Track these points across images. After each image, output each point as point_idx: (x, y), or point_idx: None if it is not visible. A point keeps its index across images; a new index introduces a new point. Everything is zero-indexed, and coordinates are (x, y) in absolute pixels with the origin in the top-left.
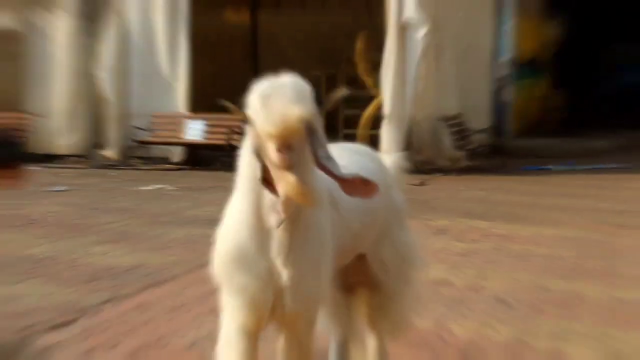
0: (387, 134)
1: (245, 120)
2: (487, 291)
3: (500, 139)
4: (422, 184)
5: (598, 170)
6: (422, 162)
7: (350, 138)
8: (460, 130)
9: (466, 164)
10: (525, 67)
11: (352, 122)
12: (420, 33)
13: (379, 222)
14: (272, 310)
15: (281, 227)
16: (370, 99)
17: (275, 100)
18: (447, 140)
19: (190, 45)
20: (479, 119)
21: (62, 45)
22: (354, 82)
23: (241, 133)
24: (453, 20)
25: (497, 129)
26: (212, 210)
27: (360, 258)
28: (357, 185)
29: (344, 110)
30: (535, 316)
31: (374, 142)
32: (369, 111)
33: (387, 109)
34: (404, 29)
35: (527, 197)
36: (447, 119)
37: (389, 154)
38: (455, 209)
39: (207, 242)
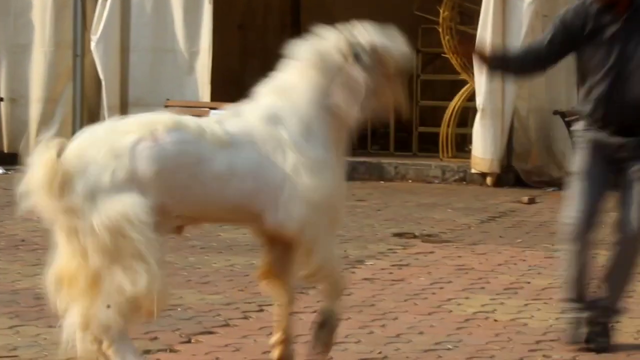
0: (481, 133)
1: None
2: None
3: None
4: (531, 201)
5: None
6: (529, 172)
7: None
8: None
9: None
10: None
11: (431, 91)
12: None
13: None
14: None
15: None
16: (457, 85)
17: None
18: (562, 142)
19: (214, 11)
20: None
21: (41, 5)
22: (433, 62)
23: None
24: None
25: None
26: None
27: None
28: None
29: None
30: None
31: (462, 142)
32: (455, 103)
33: (480, 100)
34: None
35: None
36: (562, 115)
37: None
38: None
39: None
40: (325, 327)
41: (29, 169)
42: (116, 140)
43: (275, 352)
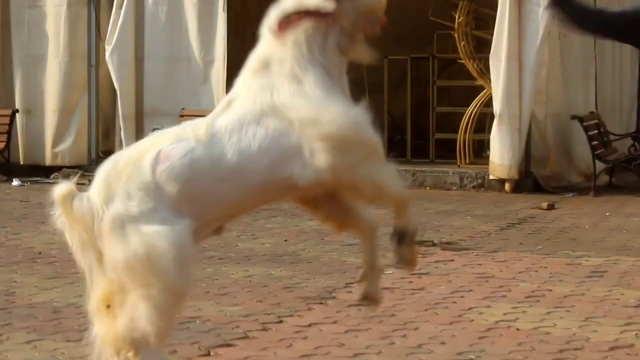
0: (499, 139)
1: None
2: None
3: None
4: (550, 207)
5: None
6: (547, 178)
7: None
8: (598, 134)
9: (607, 180)
10: None
11: (447, 98)
12: (543, 2)
13: None
14: None
15: None
16: (474, 91)
17: None
18: (580, 147)
19: (229, 19)
20: (622, 120)
21: (54, 15)
22: (448, 68)
23: None
24: None
25: None
26: (271, 242)
27: None
28: None
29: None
30: None
31: (480, 148)
32: (472, 109)
33: (498, 105)
34: None
35: None
36: (580, 120)
37: None
38: (606, 242)
39: (274, 287)
40: (404, 241)
41: (56, 209)
42: (136, 169)
43: (360, 287)
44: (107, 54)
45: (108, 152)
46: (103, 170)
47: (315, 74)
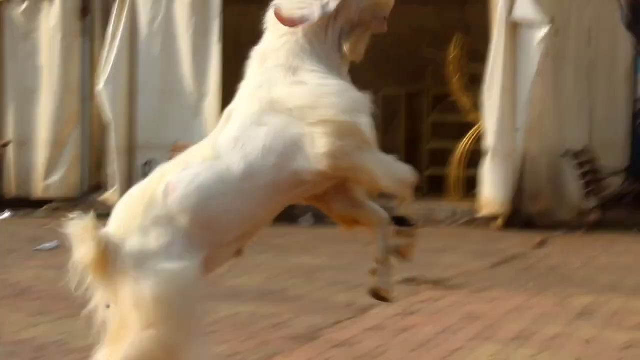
0: (491, 174)
1: None
2: None
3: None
4: (541, 244)
5: None
6: (538, 214)
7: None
8: (590, 170)
9: (598, 217)
10: None
11: (440, 132)
12: (537, 37)
13: None
14: None
15: None
16: (466, 126)
17: None
18: (572, 184)
19: (223, 52)
20: (614, 156)
21: (48, 47)
22: (442, 101)
23: None
24: (579, 20)
25: (636, 168)
26: (259, 279)
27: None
28: None
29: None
30: None
31: (471, 184)
32: (465, 143)
33: (490, 140)
34: (514, 30)
35: None
36: (572, 155)
37: None
38: (596, 280)
39: (260, 325)
40: (403, 230)
41: (74, 248)
42: (150, 203)
43: (371, 282)
44: (101, 87)
45: (100, 185)
46: (119, 207)
47: (312, 65)
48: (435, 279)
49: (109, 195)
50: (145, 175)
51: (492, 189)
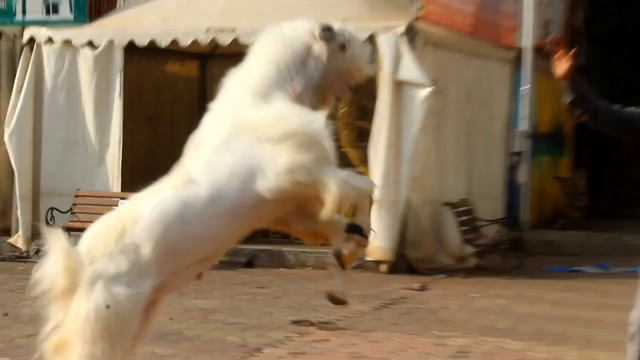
0: (377, 223)
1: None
2: None
3: (514, 232)
4: (422, 288)
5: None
6: (420, 260)
7: None
8: (468, 219)
9: (476, 262)
10: (544, 141)
11: None
12: (420, 96)
13: None
14: None
15: None
16: None
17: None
18: (452, 232)
19: (124, 104)
20: (491, 206)
21: None
22: None
23: None
24: (459, 80)
25: (511, 218)
26: (159, 319)
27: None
28: None
29: None
30: None
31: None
32: None
33: (376, 192)
34: (398, 88)
35: (562, 309)
36: (452, 206)
37: None
38: (472, 322)
39: None
40: (354, 236)
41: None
42: (120, 232)
43: (328, 286)
44: (6, 136)
45: (4, 230)
46: (92, 232)
47: (282, 93)
48: (322, 321)
49: (13, 239)
50: (48, 222)
51: (378, 236)
